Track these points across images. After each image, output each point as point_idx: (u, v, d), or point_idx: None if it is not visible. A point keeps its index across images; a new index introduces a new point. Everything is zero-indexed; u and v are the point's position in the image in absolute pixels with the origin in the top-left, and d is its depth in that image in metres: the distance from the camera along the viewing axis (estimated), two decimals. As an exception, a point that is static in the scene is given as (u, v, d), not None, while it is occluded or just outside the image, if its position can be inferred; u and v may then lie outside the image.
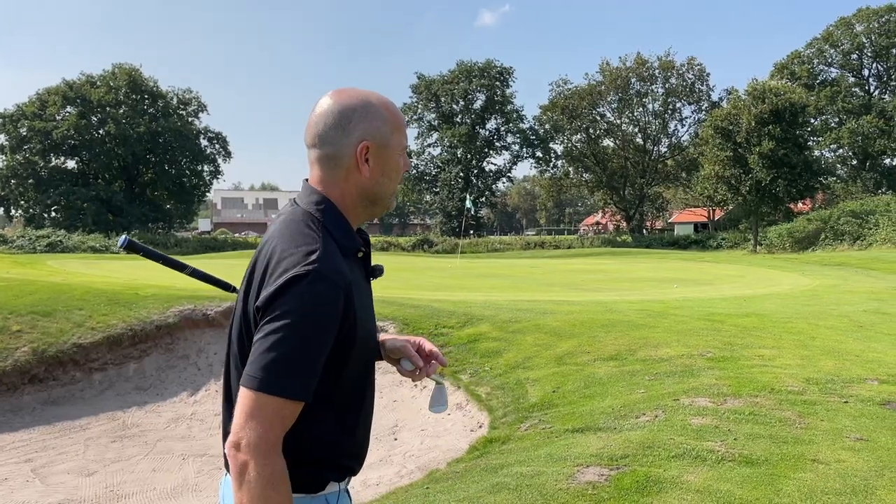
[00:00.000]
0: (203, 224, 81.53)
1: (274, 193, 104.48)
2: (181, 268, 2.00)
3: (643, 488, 3.75)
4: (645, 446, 4.44)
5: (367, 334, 1.51)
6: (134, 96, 51.98)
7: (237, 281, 1.69)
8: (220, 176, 57.63)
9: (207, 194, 63.48)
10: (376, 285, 1.78)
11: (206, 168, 56.47)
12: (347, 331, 1.41)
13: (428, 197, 62.04)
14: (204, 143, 55.96)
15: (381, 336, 1.77)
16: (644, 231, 60.54)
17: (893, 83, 56.78)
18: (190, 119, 55.23)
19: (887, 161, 54.71)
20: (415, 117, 58.13)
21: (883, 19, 54.43)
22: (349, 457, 1.56)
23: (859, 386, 5.87)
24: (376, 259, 1.65)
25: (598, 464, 4.19)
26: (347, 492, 1.63)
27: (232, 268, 18.46)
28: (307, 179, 1.58)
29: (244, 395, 1.32)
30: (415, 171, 58.78)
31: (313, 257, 1.36)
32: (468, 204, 31.98)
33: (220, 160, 56.94)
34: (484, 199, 58.25)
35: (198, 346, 9.32)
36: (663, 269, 22.86)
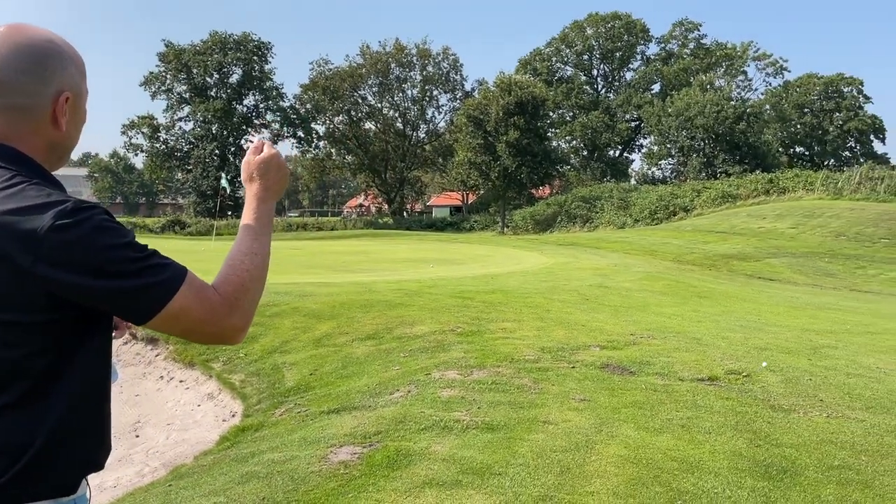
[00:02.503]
0: None
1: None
2: None
3: (393, 462, 3.86)
4: (397, 421, 4.57)
5: None
6: None
7: None
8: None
9: None
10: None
11: None
12: None
13: (179, 175, 57.98)
14: None
15: None
16: (405, 213, 62.50)
17: (616, 83, 64.72)
18: None
19: (611, 153, 62.36)
20: (163, 88, 53.76)
21: (609, 25, 61.73)
22: (104, 447, 1.38)
23: (584, 352, 6.60)
24: None
25: (351, 443, 4.23)
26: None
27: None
28: None
29: (171, 315, 1.24)
30: (164, 146, 54.58)
31: (61, 199, 1.22)
32: (224, 183, 30.38)
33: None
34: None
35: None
36: (421, 250, 23.80)
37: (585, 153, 61.45)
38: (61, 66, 1.35)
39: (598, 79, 65.40)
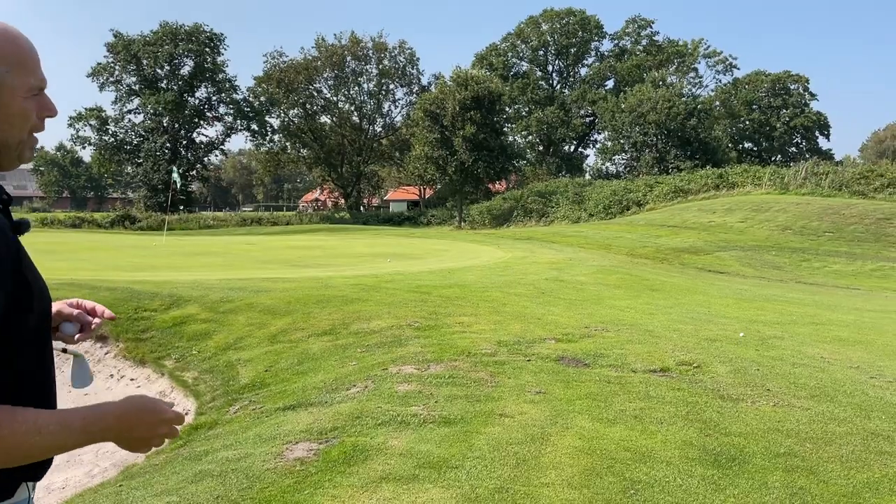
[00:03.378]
0: None
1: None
2: None
3: (350, 458, 3.84)
4: (354, 417, 4.56)
5: (41, 292, 1.33)
6: None
7: None
8: None
9: None
10: (62, 267, 1.53)
11: None
12: (21, 282, 1.25)
13: (129, 168, 56.42)
14: None
15: None
16: (361, 208, 62.14)
17: (571, 79, 65.39)
18: None
19: (566, 148, 63.06)
20: (111, 80, 52.19)
21: (564, 21, 62.30)
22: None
23: (540, 345, 6.67)
24: (65, 236, 1.41)
25: (307, 439, 4.20)
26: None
27: None
28: None
29: None
30: (113, 139, 53.11)
31: None
32: (175, 177, 29.63)
33: None
34: (195, 172, 54.73)
35: None
36: (378, 245, 23.70)
37: (541, 148, 62.01)
38: None
39: (554, 74, 66.00)
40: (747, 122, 64.76)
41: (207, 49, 52.98)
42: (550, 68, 65.76)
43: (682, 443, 4.11)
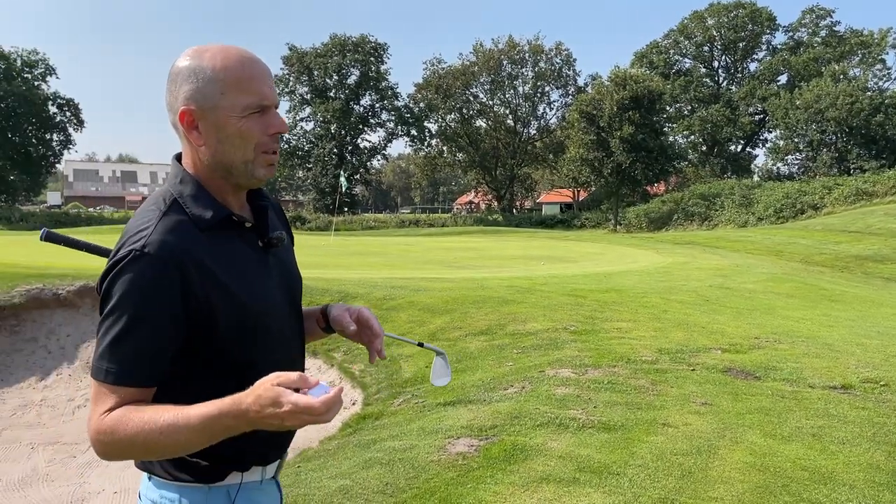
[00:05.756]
0: (52, 197, 75.31)
1: (133, 166, 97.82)
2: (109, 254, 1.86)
3: (510, 456, 3.91)
4: (512, 416, 4.62)
5: (242, 308, 1.38)
6: (-32, 57, 46.92)
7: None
8: (71, 146, 53.38)
9: (57, 165, 58.74)
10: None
11: (55, 137, 52.12)
12: (199, 307, 1.32)
13: (301, 173, 60.59)
14: (53, 110, 51.50)
15: (327, 307, 1.67)
16: (514, 210, 62.36)
17: (739, 75, 61.61)
18: (36, 83, 50.57)
19: (732, 148, 59.48)
20: (286, 90, 56.33)
21: (732, 14, 58.80)
22: (254, 442, 1.37)
23: (705, 355, 6.39)
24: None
25: (468, 435, 4.32)
26: (277, 482, 1.57)
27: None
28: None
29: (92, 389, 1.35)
30: (286, 145, 57.19)
31: (139, 236, 1.32)
32: (342, 181, 31.48)
33: (71, 129, 52.70)
34: (358, 176, 57.67)
35: (48, 328, 8.66)
36: (531, 248, 23.70)
37: (704, 148, 58.91)
38: (187, 80, 1.36)
39: (719, 71, 62.46)
40: (948, 117, 57.65)
41: (372, 59, 55.61)
42: (716, 64, 62.30)
43: (868, 465, 3.79)
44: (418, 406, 5.36)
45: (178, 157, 1.47)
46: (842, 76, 48.12)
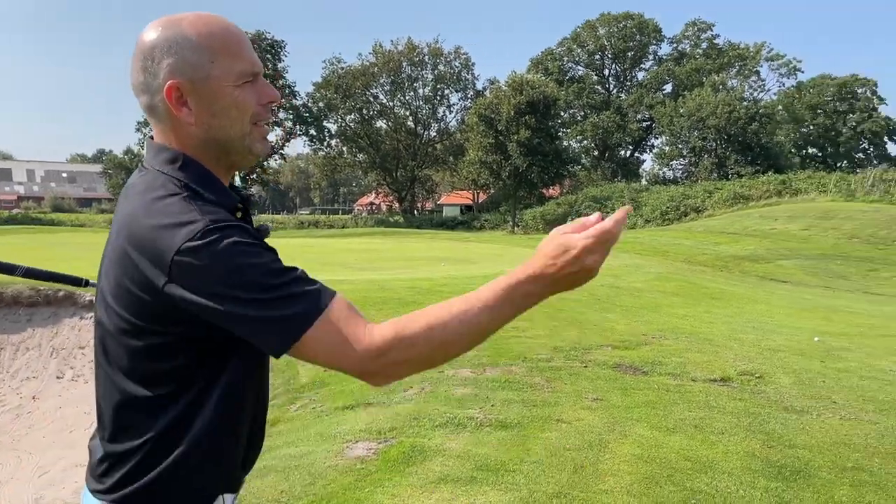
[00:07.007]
0: None
1: (7, 163, 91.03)
2: (10, 270, 1.67)
3: (409, 458, 3.91)
4: (412, 418, 4.62)
5: None
6: None
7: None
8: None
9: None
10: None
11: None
12: None
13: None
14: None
15: None
16: (415, 212, 62.57)
17: (628, 83, 64.50)
18: None
19: (622, 153, 62.21)
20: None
21: (621, 24, 61.53)
22: (235, 462, 1.29)
23: (597, 352, 6.63)
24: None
25: (366, 438, 4.28)
26: None
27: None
28: (152, 136, 1.28)
29: (307, 345, 1.11)
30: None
31: (192, 223, 1.11)
32: (237, 180, 30.60)
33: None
34: (255, 176, 56.10)
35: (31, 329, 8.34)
36: (433, 249, 23.84)
37: (596, 153, 61.29)
38: (169, 52, 1.19)
39: (610, 78, 65.22)
40: (812, 127, 62.70)
41: (269, 56, 54.27)
42: (607, 72, 65.02)
43: (745, 454, 4.04)
44: (316, 411, 5.27)
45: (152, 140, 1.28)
46: (721, 87, 51.36)
